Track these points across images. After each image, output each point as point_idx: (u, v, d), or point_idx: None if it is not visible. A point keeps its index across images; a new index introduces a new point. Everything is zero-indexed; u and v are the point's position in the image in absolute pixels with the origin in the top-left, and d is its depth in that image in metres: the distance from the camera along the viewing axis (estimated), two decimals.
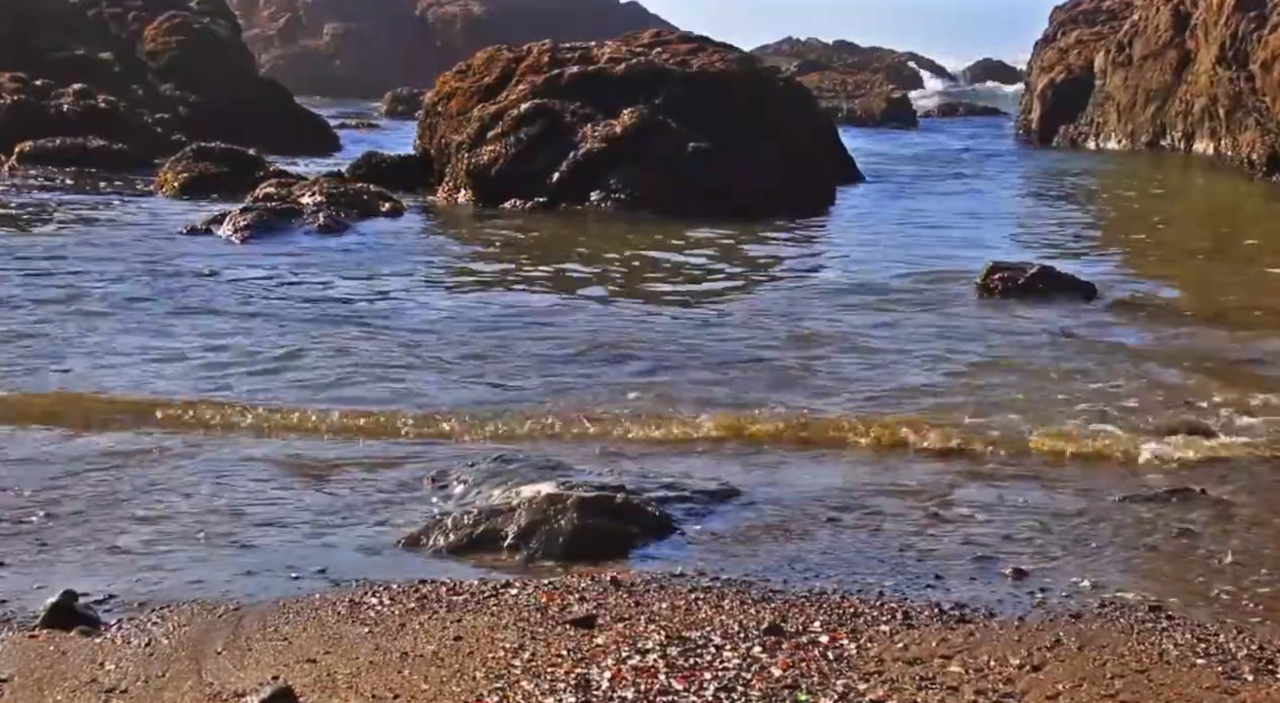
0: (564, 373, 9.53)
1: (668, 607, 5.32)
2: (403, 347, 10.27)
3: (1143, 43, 27.24)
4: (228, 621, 5.21)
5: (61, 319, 11.05)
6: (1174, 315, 11.68)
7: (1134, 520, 6.49)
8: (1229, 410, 8.49)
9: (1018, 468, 7.38)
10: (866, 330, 11.00)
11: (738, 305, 12.20)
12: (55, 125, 23.72)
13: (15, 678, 4.70)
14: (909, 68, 54.17)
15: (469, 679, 4.65)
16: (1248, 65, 22.32)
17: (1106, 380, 9.32)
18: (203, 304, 11.82)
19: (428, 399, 8.80)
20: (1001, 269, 12.60)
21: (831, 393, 9.02)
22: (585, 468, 7.08)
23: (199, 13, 30.87)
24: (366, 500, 6.80)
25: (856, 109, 39.18)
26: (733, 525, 6.42)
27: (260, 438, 7.90)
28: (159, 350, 10.05)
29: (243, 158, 21.14)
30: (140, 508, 6.60)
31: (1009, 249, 15.20)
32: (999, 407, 8.57)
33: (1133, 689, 4.58)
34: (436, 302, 12.30)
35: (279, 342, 10.39)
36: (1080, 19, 32.89)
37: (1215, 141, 24.46)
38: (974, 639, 5.02)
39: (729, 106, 19.26)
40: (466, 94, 20.38)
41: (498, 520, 6.21)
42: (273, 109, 29.05)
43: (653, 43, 21.73)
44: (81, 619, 5.17)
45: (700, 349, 10.28)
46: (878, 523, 6.43)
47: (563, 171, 18.59)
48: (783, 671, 4.70)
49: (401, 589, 5.54)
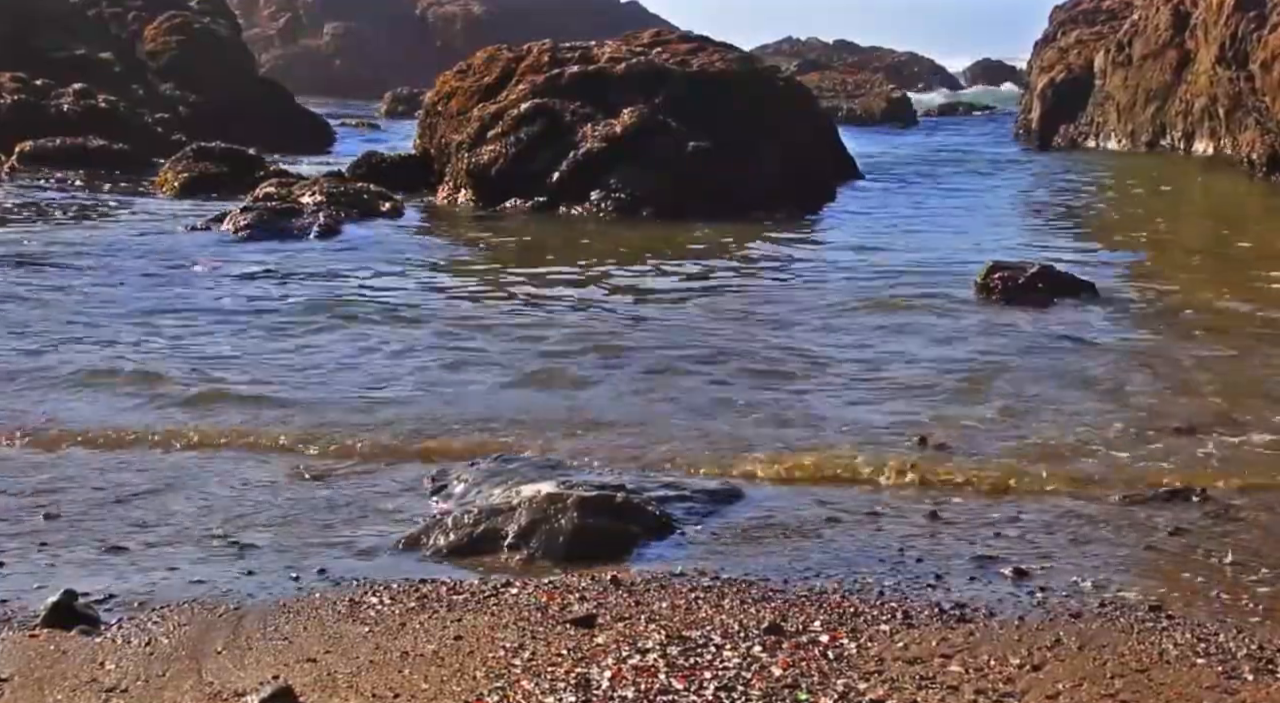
0: (565, 374, 9.53)
1: (668, 606, 5.32)
2: (403, 346, 10.28)
3: (1143, 42, 27.23)
4: (228, 620, 5.21)
5: (62, 318, 11.06)
6: (1173, 316, 11.67)
7: (1134, 521, 6.49)
8: (1229, 412, 8.49)
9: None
10: (867, 331, 10.99)
11: (737, 306, 12.19)
12: (55, 125, 23.73)
13: (15, 678, 4.71)
14: (909, 68, 54.19)
15: (469, 679, 4.65)
16: (1248, 65, 22.30)
17: (1106, 382, 9.32)
18: (201, 304, 11.83)
19: (422, 404, 8.80)
20: (1001, 269, 12.58)
21: (829, 398, 9.01)
22: (585, 468, 7.08)
23: (199, 13, 30.89)
24: (367, 500, 6.80)
25: (856, 109, 39.20)
26: (733, 525, 6.42)
27: (260, 437, 7.89)
28: (157, 350, 10.05)
29: (243, 158, 21.15)
30: (140, 508, 6.60)
31: (1009, 249, 15.18)
32: (999, 417, 8.57)
33: (1133, 689, 4.58)
34: (437, 302, 12.29)
35: (279, 341, 10.39)
36: (1080, 19, 32.88)
37: (1215, 141, 24.46)
38: (974, 639, 5.02)
39: (729, 106, 19.26)
40: (466, 94, 20.38)
41: (498, 520, 6.21)
42: (273, 109, 29.08)
43: (653, 42, 21.73)
44: (82, 619, 5.17)
45: (700, 351, 10.26)
46: (878, 523, 6.43)
47: (563, 171, 18.58)
48: (783, 670, 4.70)
49: (402, 589, 5.54)
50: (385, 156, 21.35)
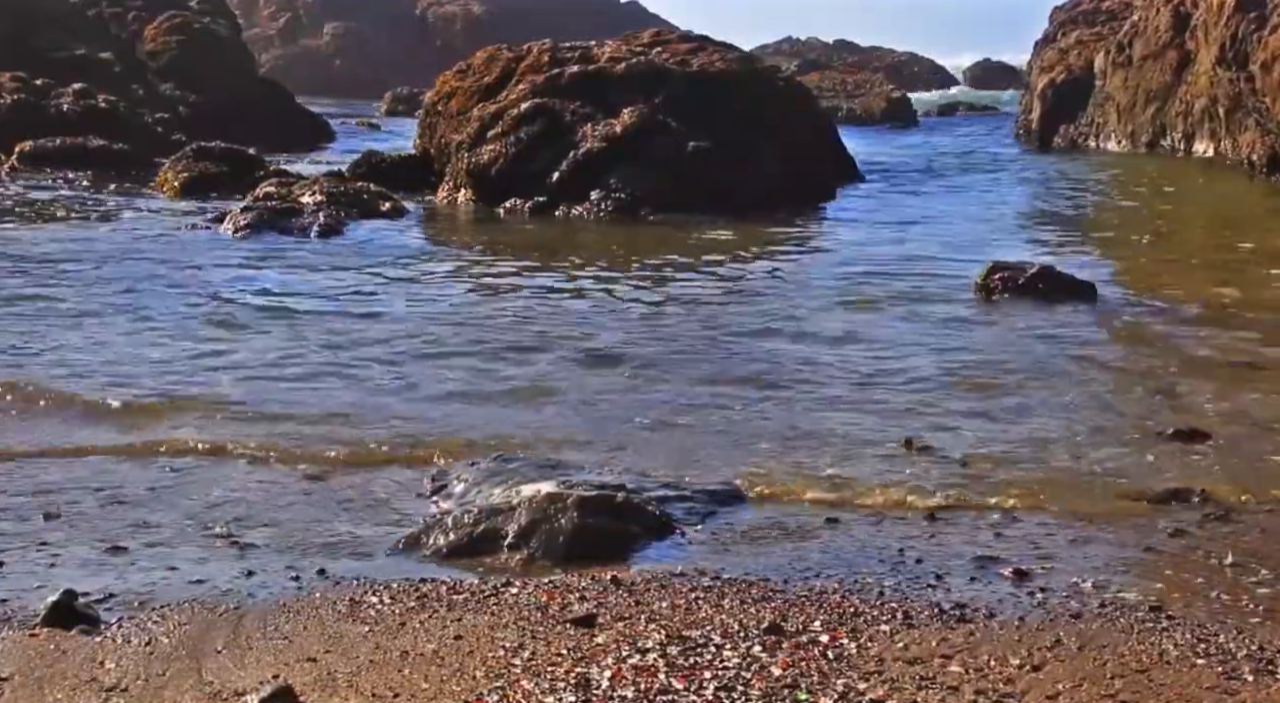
0: (563, 375, 9.53)
1: (668, 606, 5.32)
2: (403, 346, 10.28)
3: (1143, 43, 27.23)
4: (228, 620, 5.21)
5: (62, 318, 11.07)
6: (1172, 317, 11.66)
7: (1134, 522, 6.49)
8: (1228, 411, 8.49)
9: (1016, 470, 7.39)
10: (866, 331, 10.99)
11: (736, 307, 12.19)
12: (55, 125, 23.74)
13: (16, 677, 4.71)
14: (909, 67, 54.20)
15: (469, 678, 4.65)
16: (1248, 66, 22.31)
17: (1106, 383, 9.32)
18: (200, 303, 11.83)
19: (415, 404, 8.80)
20: (1001, 269, 12.58)
21: (823, 399, 9.00)
22: (585, 467, 7.08)
23: (199, 13, 30.90)
24: (367, 500, 6.80)
25: (856, 109, 39.21)
26: (733, 525, 6.42)
27: (260, 438, 7.89)
28: (154, 351, 10.05)
29: (243, 157, 21.15)
30: (140, 508, 6.60)
31: (1008, 249, 15.18)
32: (996, 418, 8.57)
33: (1133, 689, 4.58)
34: (437, 301, 12.29)
35: (279, 342, 10.39)
36: (1080, 19, 32.89)
37: (1215, 142, 24.46)
38: (974, 639, 5.02)
39: (729, 106, 19.27)
40: (466, 94, 20.39)
41: (498, 520, 6.21)
42: (273, 109, 29.09)
43: (653, 42, 21.74)
44: (82, 618, 5.17)
45: (699, 350, 10.27)
46: (878, 523, 6.43)
47: (563, 171, 18.59)
48: (783, 670, 4.70)
49: (401, 588, 5.54)
50: (385, 156, 21.36)
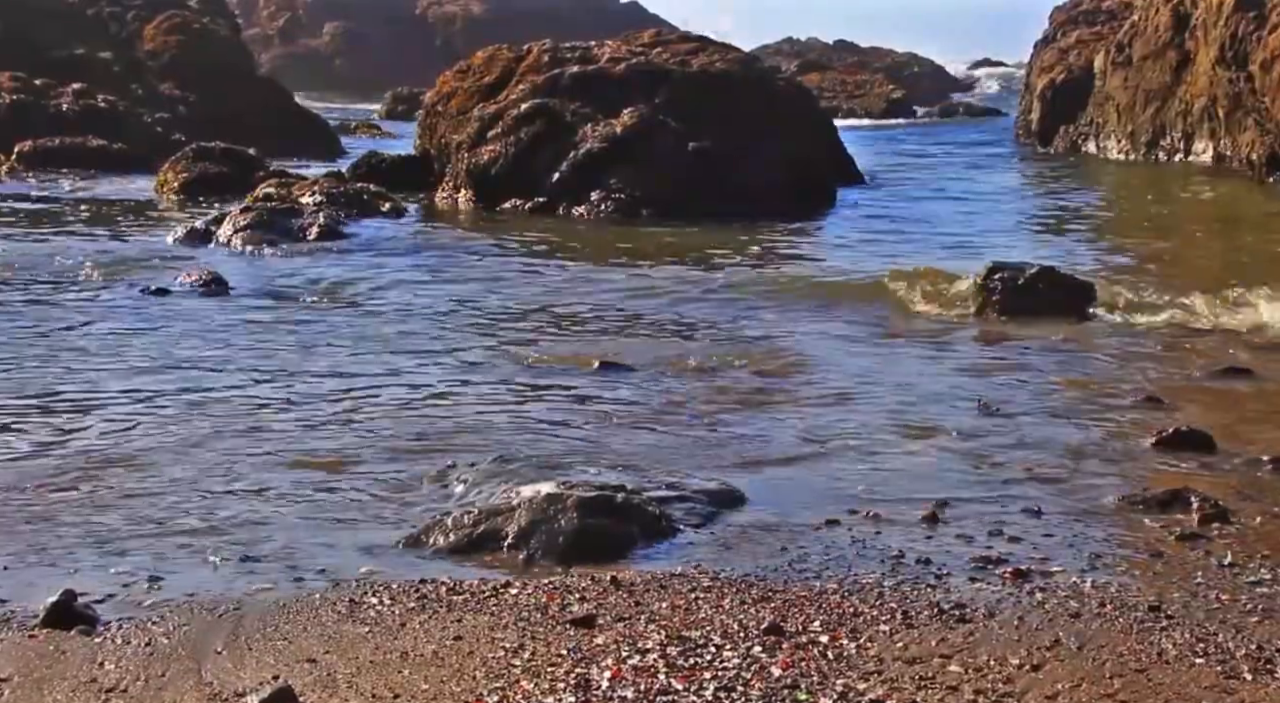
0: (560, 375, 9.53)
1: (668, 607, 5.32)
2: (402, 346, 10.28)
3: (1142, 43, 27.23)
4: (228, 620, 5.21)
5: (62, 318, 11.07)
6: (1174, 318, 11.66)
7: (1133, 521, 6.49)
8: (1228, 411, 8.49)
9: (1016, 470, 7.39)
10: (865, 330, 10.99)
11: (735, 307, 12.19)
12: (55, 125, 23.75)
13: (15, 678, 4.71)
14: (909, 68, 54.21)
15: (469, 679, 4.65)
16: (1247, 66, 22.32)
17: (1104, 383, 9.32)
18: (200, 303, 11.82)
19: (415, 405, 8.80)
20: (1001, 269, 12.55)
21: (819, 400, 9.01)
22: (585, 468, 7.08)
23: (199, 12, 30.89)
24: (367, 500, 6.80)
25: (856, 109, 39.25)
26: (733, 525, 6.42)
27: (260, 438, 7.89)
28: (153, 351, 10.06)
29: (242, 158, 21.15)
30: (140, 507, 6.59)
31: (1008, 249, 15.19)
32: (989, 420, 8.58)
33: (1132, 689, 4.58)
34: (436, 302, 12.29)
35: (279, 342, 10.39)
36: (1080, 19, 32.91)
37: (1215, 142, 24.47)
38: (974, 639, 5.02)
39: (729, 106, 19.27)
40: (466, 94, 20.40)
41: (498, 520, 6.21)
42: (273, 109, 29.07)
43: (653, 42, 21.75)
44: (81, 619, 5.16)
45: (698, 351, 10.27)
46: (878, 524, 6.43)
47: (563, 171, 18.60)
48: (783, 670, 4.70)
49: (401, 589, 5.54)
50: (385, 157, 21.37)
